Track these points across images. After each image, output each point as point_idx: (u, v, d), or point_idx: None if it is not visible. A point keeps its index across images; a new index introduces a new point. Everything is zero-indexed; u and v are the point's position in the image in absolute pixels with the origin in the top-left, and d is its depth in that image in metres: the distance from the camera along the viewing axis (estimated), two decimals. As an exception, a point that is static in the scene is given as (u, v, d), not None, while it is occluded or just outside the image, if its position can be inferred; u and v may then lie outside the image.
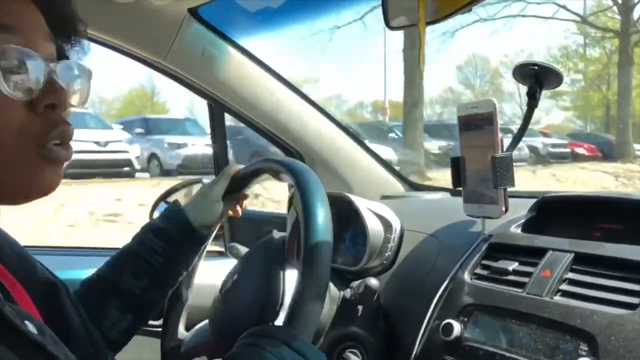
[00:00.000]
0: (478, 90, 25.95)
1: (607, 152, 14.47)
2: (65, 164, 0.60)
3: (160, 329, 1.04)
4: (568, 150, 15.68)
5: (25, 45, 0.55)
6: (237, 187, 0.96)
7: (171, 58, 1.25)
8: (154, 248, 0.90)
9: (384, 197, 1.52)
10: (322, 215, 0.78)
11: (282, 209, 1.84)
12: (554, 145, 15.49)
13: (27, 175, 0.55)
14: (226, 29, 1.29)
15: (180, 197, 1.61)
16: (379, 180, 1.57)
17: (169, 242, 0.90)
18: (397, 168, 1.74)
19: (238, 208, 0.99)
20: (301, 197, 0.81)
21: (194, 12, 1.24)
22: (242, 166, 0.97)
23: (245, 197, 1.00)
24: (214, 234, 0.98)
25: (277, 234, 1.01)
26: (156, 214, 1.59)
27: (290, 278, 0.93)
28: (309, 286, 0.73)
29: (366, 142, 1.60)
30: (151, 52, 1.24)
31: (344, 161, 1.51)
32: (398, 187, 1.62)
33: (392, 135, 14.07)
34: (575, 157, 15.27)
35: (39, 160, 0.56)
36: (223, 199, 0.94)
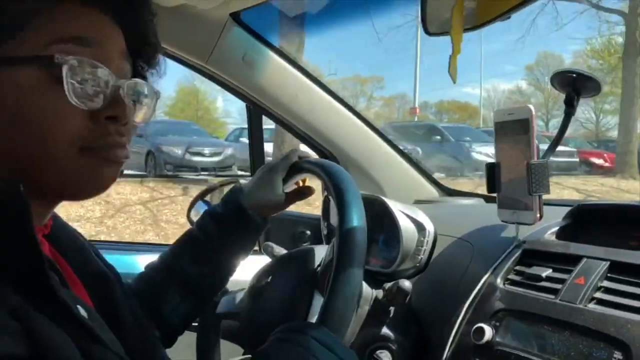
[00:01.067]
0: (549, 92, 25.32)
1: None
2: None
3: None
4: (576, 159, 13.59)
5: (99, 59, 0.58)
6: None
7: (213, 61, 1.29)
8: (211, 233, 0.90)
9: (417, 202, 1.53)
10: (357, 217, 0.79)
11: (315, 211, 1.86)
12: (558, 154, 13.56)
13: (75, 176, 0.58)
14: (266, 33, 1.32)
15: (216, 197, 1.66)
16: (412, 184, 1.58)
17: (224, 227, 0.91)
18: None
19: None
20: (336, 198, 0.83)
21: (235, 16, 1.27)
22: (304, 153, 0.98)
23: (304, 187, 0.99)
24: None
25: (316, 248, 1.03)
26: (193, 213, 1.64)
27: (317, 303, 0.97)
28: (343, 286, 0.75)
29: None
30: (194, 55, 1.28)
31: (378, 164, 1.53)
32: (432, 191, 1.62)
33: (436, 137, 13.69)
34: (590, 168, 13.40)
35: (88, 164, 0.58)
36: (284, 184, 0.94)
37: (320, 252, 1.02)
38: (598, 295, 0.82)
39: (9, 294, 0.49)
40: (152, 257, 0.94)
